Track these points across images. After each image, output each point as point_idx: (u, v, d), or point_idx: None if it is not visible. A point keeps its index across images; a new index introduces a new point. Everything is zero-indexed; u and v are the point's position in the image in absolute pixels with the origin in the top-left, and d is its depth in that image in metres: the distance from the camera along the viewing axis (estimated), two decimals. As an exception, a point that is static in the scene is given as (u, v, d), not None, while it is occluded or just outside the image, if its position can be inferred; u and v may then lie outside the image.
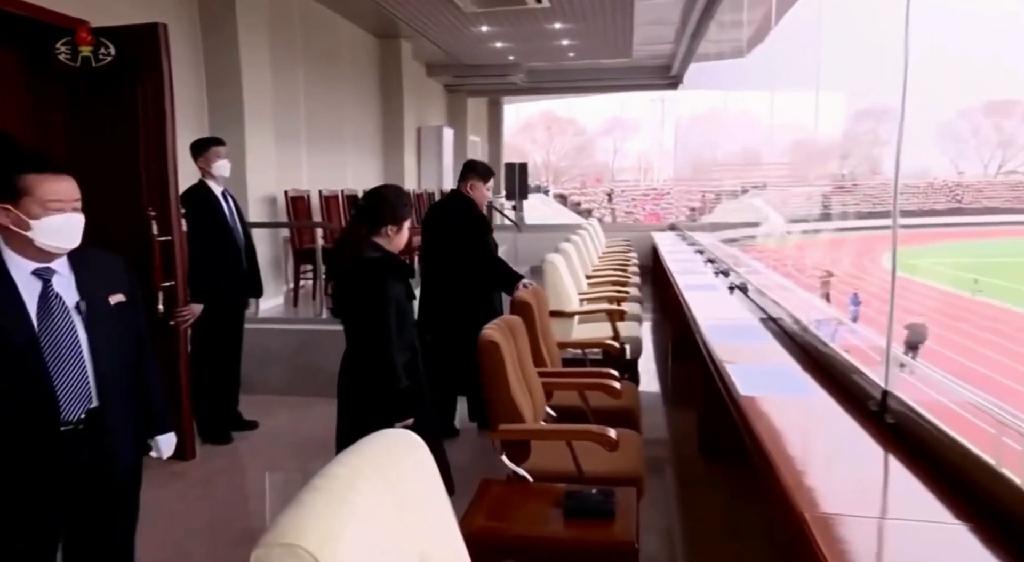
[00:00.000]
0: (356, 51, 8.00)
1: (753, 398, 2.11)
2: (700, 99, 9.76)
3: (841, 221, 14.50)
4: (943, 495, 1.44)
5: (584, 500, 1.86)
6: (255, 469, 3.51)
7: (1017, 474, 1.52)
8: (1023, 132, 45.50)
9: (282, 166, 5.89)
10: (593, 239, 7.24)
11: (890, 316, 2.12)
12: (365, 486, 1.02)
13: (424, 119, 10.30)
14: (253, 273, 3.75)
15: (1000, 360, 13.33)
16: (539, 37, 8.64)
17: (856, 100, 5.45)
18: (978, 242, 32.08)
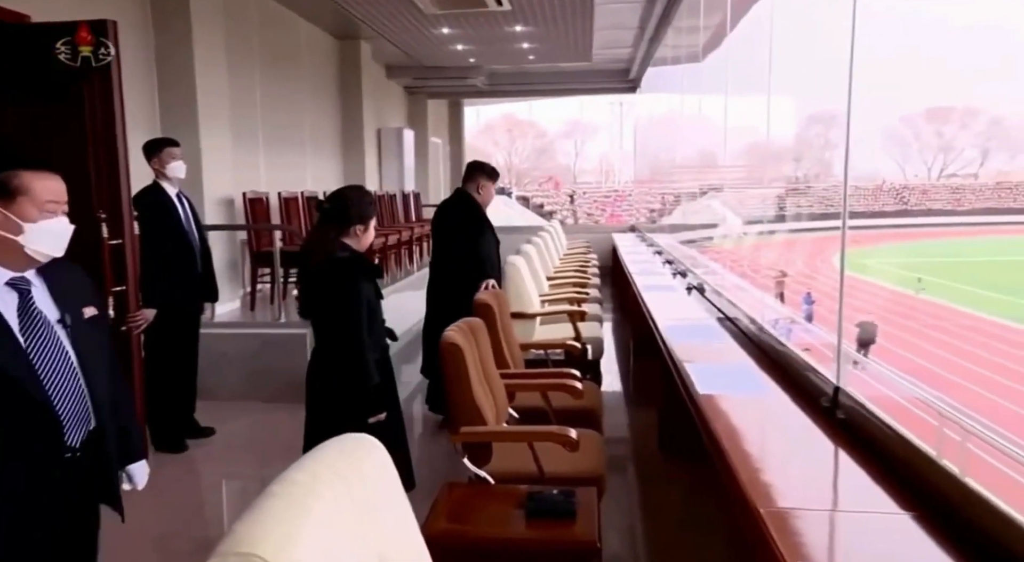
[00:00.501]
0: (315, 51, 7.89)
1: (711, 396, 2.15)
2: (658, 102, 9.91)
3: (795, 222, 14.97)
4: (889, 487, 1.49)
5: (545, 501, 1.87)
6: (211, 477, 3.42)
7: (956, 464, 1.59)
8: (961, 137, 46.96)
9: (239, 167, 5.76)
10: (554, 241, 7.28)
11: (839, 315, 2.19)
12: (324, 491, 1.00)
13: (384, 120, 10.22)
14: (208, 277, 3.67)
15: (943, 356, 13.90)
16: (500, 40, 8.66)
17: (807, 105, 5.60)
18: (922, 242, 33.29)
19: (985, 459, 2.43)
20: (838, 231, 2.27)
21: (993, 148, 41.72)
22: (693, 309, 3.73)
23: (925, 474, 1.44)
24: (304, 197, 6.36)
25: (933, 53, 42.97)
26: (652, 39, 8.45)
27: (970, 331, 14.60)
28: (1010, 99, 36.81)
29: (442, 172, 13.64)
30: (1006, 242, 25.38)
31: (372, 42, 8.71)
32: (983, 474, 1.85)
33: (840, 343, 2.05)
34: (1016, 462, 1.86)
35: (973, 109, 42.24)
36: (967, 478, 1.59)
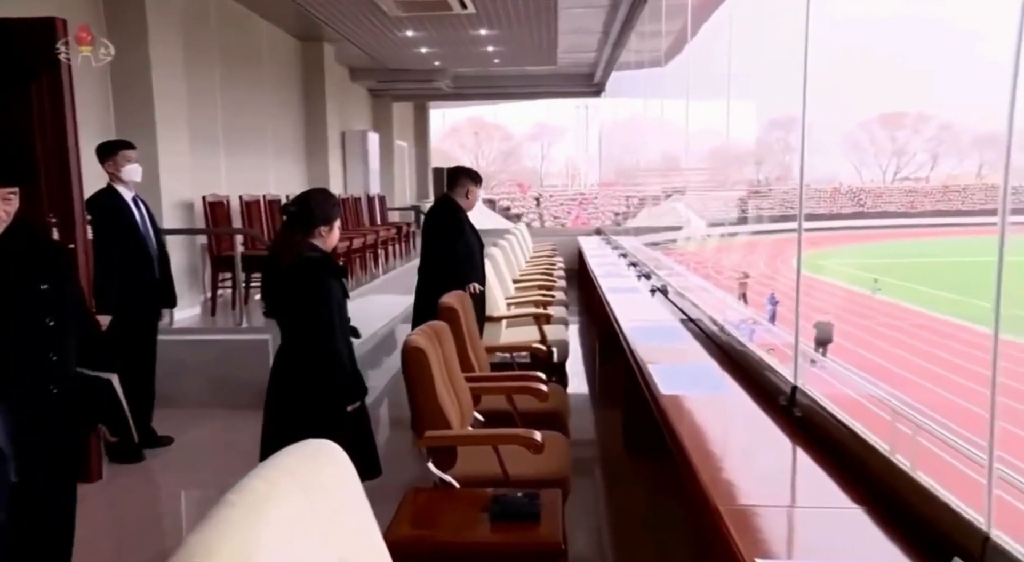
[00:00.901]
0: (277, 53, 7.78)
1: (673, 397, 2.18)
2: (622, 106, 10.03)
3: (756, 225, 15.34)
4: (843, 482, 1.53)
5: (509, 504, 1.87)
6: (169, 488, 3.34)
7: (908, 458, 1.63)
8: (913, 142, 48.71)
9: (199, 170, 5.64)
10: (521, 244, 7.30)
11: (796, 315, 2.24)
12: (283, 499, 0.99)
13: (348, 123, 10.12)
14: (167, 282, 3.58)
15: (898, 354, 14.32)
16: (464, 43, 8.65)
17: (768, 110, 5.72)
18: (879, 244, 34.31)
19: (935, 453, 2.50)
20: (795, 234, 2.33)
21: (943, 152, 43.27)
22: (656, 311, 3.77)
23: (876, 469, 1.48)
24: (266, 200, 6.26)
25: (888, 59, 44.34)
26: (616, 44, 8.54)
27: (923, 330, 15.08)
28: (958, 106, 38.18)
29: (408, 175, 13.57)
30: (956, 243, 26.28)
31: (335, 44, 8.62)
32: (932, 467, 1.91)
33: (797, 343, 2.10)
34: (962, 454, 1.92)
35: (925, 115, 43.77)
36: (918, 472, 1.64)
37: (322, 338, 2.21)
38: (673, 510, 2.81)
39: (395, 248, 8.18)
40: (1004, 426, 1.88)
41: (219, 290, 5.14)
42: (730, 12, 3.66)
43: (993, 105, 1.30)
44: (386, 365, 5.05)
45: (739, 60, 3.59)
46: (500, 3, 6.85)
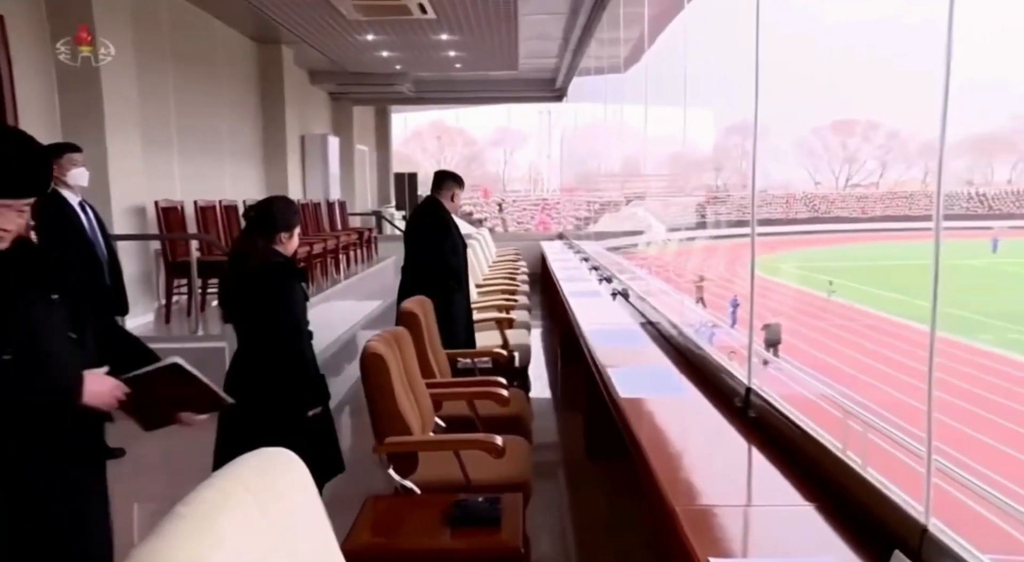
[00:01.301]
0: (233, 55, 7.64)
1: (632, 400, 2.21)
2: (583, 112, 10.13)
3: (716, 229, 15.66)
4: (795, 480, 1.57)
5: (470, 509, 1.87)
6: (120, 501, 3.20)
7: (858, 455, 1.69)
8: (864, 149, 50.16)
9: (152, 175, 5.50)
10: (483, 248, 7.30)
11: (750, 319, 2.29)
12: (235, 509, 0.97)
13: (308, 127, 9.99)
14: (117, 289, 3.48)
15: (850, 354, 14.74)
16: (426, 47, 8.63)
17: (725, 117, 5.84)
18: (833, 248, 35.27)
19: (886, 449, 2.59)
20: (760, 238, 2.38)
21: (891, 160, 44.91)
22: (617, 314, 3.82)
23: (826, 467, 1.53)
24: (223, 205, 6.13)
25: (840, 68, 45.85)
26: (576, 50, 8.63)
27: (873, 330, 15.59)
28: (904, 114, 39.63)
29: (369, 180, 13.45)
30: (904, 247, 27.18)
31: (294, 47, 8.51)
32: (882, 463, 1.98)
33: (751, 346, 2.15)
34: (907, 449, 2.00)
35: (874, 122, 45.37)
36: (868, 469, 1.69)
37: (287, 342, 2.23)
38: (634, 512, 2.84)
39: (356, 253, 8.10)
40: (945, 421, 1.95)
41: (174, 297, 5.01)
42: (685, 22, 3.73)
43: (933, 114, 1.36)
44: (347, 371, 4.98)
45: (696, 68, 3.67)
46: (461, 9, 6.86)
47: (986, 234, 33.75)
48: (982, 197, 44.54)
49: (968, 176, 46.97)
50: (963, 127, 23.30)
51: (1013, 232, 36.29)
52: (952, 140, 1.29)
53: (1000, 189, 45.40)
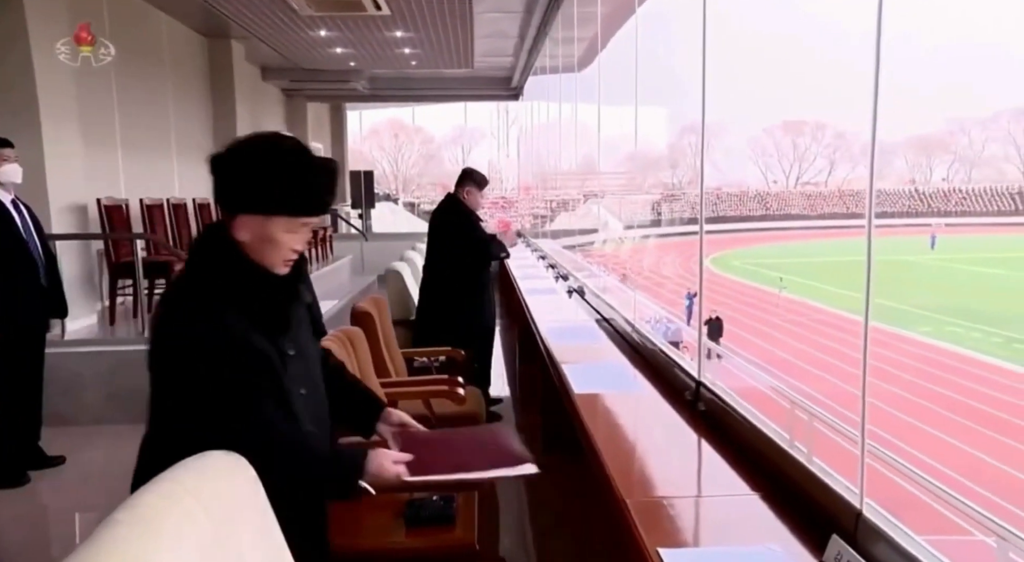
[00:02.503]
0: (179, 49, 7.42)
1: (587, 395, 2.23)
2: (539, 110, 10.17)
3: (671, 227, 16.03)
4: (742, 470, 1.62)
5: (424, 508, 1.87)
6: (59, 511, 3.12)
7: (805, 444, 1.74)
8: (812, 148, 51.61)
9: (93, 172, 5.31)
10: (441, 247, 7.27)
11: (699, 315, 2.34)
12: (176, 514, 0.95)
13: (260, 124, 9.78)
14: (55, 290, 3.35)
15: (800, 347, 15.19)
16: (380, 44, 8.55)
17: (680, 116, 5.95)
18: (785, 244, 36.24)
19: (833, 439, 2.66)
20: (714, 235, 2.44)
21: (838, 159, 46.44)
22: (573, 311, 3.85)
23: (770, 456, 1.58)
24: (171, 204, 5.96)
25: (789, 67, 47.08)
26: (532, 49, 8.67)
27: (822, 324, 16.12)
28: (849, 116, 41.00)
29: (325, 178, 13.26)
30: (851, 243, 28.22)
31: (245, 42, 8.32)
32: (828, 451, 2.04)
33: (700, 341, 2.20)
34: (848, 438, 2.07)
35: (822, 123, 46.84)
36: (814, 459, 1.75)
37: None
38: (590, 507, 2.87)
39: (312, 252, 7.97)
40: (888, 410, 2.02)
41: (119, 298, 4.85)
42: (637, 24, 3.79)
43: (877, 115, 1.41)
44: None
45: (650, 69, 3.74)
46: (416, 6, 6.82)
47: (926, 231, 35.26)
48: (922, 195, 46.40)
49: (910, 175, 48.95)
50: (903, 129, 24.18)
51: (950, 229, 38.04)
52: (893, 141, 1.35)
53: (937, 187, 47.36)
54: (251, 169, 1.28)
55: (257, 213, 1.27)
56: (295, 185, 1.27)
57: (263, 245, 1.28)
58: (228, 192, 1.30)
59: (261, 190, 1.27)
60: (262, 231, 1.27)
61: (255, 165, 1.28)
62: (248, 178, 1.28)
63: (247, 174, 1.28)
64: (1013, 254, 28.56)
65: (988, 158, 49.60)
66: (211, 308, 1.23)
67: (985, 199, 46.12)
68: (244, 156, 1.30)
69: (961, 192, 46.82)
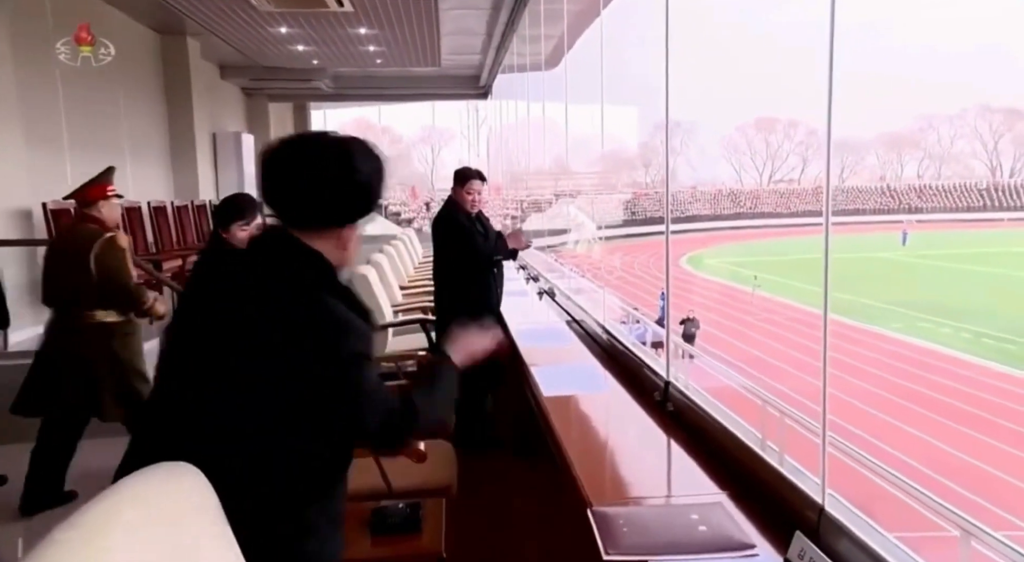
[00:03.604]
0: (131, 47, 7.28)
1: (555, 398, 2.25)
2: (509, 109, 10.20)
3: (643, 226, 16.22)
4: (710, 470, 1.64)
5: (390, 516, 1.86)
6: (4, 532, 3.03)
7: (777, 443, 1.77)
8: (785, 146, 52.31)
9: (38, 175, 5.18)
10: (409, 250, 7.25)
11: (667, 315, 2.37)
12: (121, 531, 0.93)
13: (220, 124, 9.66)
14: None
15: (774, 346, 15.41)
16: (344, 42, 8.49)
17: (651, 115, 6.02)
18: (758, 242, 36.71)
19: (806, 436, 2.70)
20: (689, 234, 2.48)
21: (811, 156, 47.36)
22: (543, 313, 3.87)
23: (734, 454, 1.61)
24: (124, 208, 5.84)
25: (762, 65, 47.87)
26: (500, 47, 8.69)
27: (795, 322, 16.41)
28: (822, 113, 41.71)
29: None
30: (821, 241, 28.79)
31: (201, 38, 8.20)
32: (801, 449, 2.08)
33: (668, 341, 2.23)
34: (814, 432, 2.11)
35: (794, 120, 47.74)
36: (786, 458, 1.77)
37: None
38: (558, 511, 2.89)
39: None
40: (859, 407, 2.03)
41: (69, 308, 4.73)
42: (602, 22, 3.84)
43: (844, 112, 1.44)
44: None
45: (618, 67, 3.78)
46: (379, 2, 6.79)
47: (897, 227, 36.11)
48: (894, 191, 47.50)
49: (881, 172, 50.09)
50: (874, 126, 24.64)
51: (920, 225, 39.02)
52: (866, 138, 1.39)
53: (909, 184, 48.47)
54: (362, 185, 1.24)
55: (353, 223, 1.26)
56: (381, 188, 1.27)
57: (349, 249, 1.27)
58: (335, 213, 1.25)
59: (367, 203, 1.26)
60: (350, 236, 1.27)
61: (365, 179, 1.24)
62: (361, 195, 1.25)
63: (360, 192, 1.24)
64: (982, 250, 29.45)
65: (956, 154, 51.07)
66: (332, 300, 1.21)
67: (955, 195, 47.41)
68: (353, 171, 1.24)
69: (932, 189, 48.05)
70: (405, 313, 4.62)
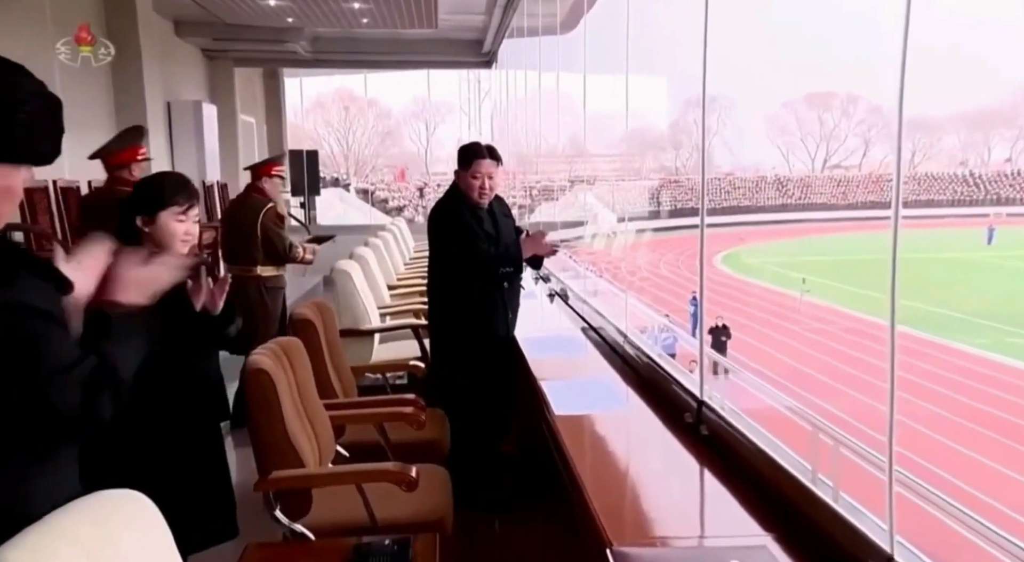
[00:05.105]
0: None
1: (568, 417, 2.26)
2: (517, 80, 10.20)
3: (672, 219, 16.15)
4: (752, 507, 1.65)
5: (373, 554, 1.88)
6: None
7: (830, 477, 1.78)
8: (843, 125, 51.57)
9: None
10: (399, 243, 7.27)
11: (700, 322, 2.38)
12: (69, 552, 0.95)
13: (175, 92, 9.68)
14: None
15: (824, 360, 15.34)
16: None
17: (682, 88, 6.02)
18: (807, 238, 36.36)
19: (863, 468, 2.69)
20: (725, 228, 2.48)
21: (874, 137, 46.86)
22: (555, 318, 3.89)
23: (783, 489, 1.61)
24: (58, 187, 5.89)
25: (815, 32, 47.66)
26: (507, 5, 8.69)
27: (852, 334, 16.35)
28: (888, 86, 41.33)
29: (258, 158, 13.17)
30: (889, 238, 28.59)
31: (151, -12, 8.20)
32: (854, 481, 2.07)
33: (701, 354, 2.24)
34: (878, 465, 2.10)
35: (854, 95, 47.30)
36: (841, 495, 1.78)
37: None
38: (571, 549, 2.90)
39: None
40: (931, 437, 2.01)
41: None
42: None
43: (921, 87, 1.43)
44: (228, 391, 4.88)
45: (647, 31, 3.78)
46: (367, -50, 6.81)
47: (982, 222, 35.61)
48: (978, 179, 46.80)
49: (962, 156, 49.23)
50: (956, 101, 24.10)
51: (1011, 221, 38.28)
52: (941, 116, 1.39)
53: (997, 170, 47.32)
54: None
55: None
56: None
57: None
58: None
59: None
60: None
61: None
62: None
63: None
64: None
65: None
66: None
67: (1058, 184, 46.26)
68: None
69: (1025, 175, 46.90)
70: (395, 317, 4.64)
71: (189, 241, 2.13)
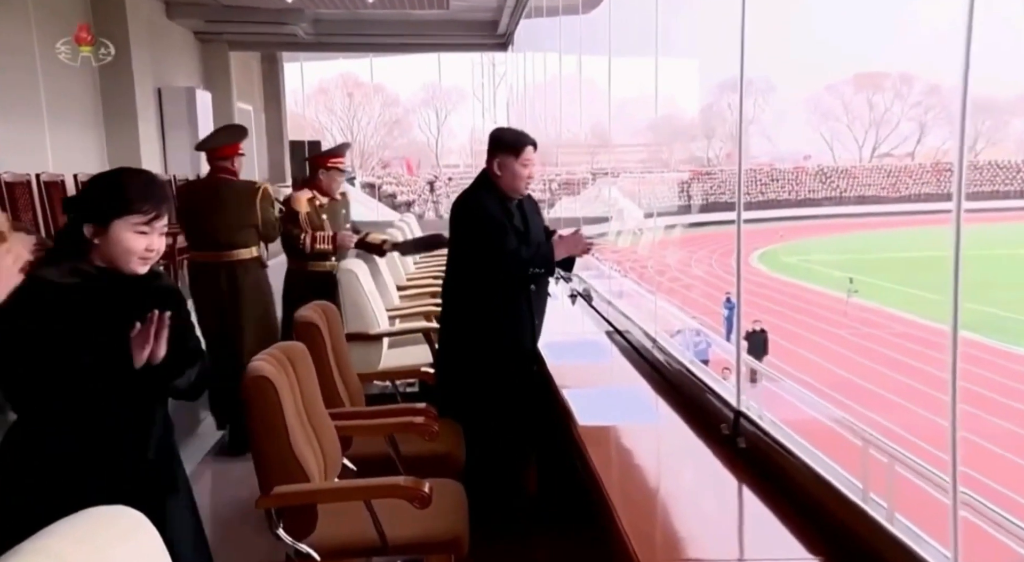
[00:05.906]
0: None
1: (593, 428, 2.27)
2: (535, 64, 10.21)
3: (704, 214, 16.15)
4: (796, 527, 1.65)
5: (385, 575, 1.90)
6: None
7: (883, 497, 1.77)
8: (896, 109, 50.77)
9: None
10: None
11: (737, 327, 2.39)
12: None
13: (167, 77, 9.77)
14: None
15: (874, 368, 15.20)
16: (327, -26, 8.56)
17: (715, 70, 6.00)
18: (851, 235, 35.98)
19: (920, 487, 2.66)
20: (762, 224, 2.47)
21: (931, 121, 45.95)
22: (577, 321, 3.90)
23: (833, 509, 1.61)
24: (41, 181, 5.96)
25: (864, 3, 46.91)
26: (525, -19, 8.70)
27: (907, 339, 16.20)
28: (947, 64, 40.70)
29: (256, 147, 13.23)
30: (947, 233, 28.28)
31: (141, -37, 8.27)
32: (910, 500, 2.06)
33: (739, 362, 2.24)
34: (937, 484, 2.09)
35: (908, 75, 46.52)
36: (896, 516, 1.77)
37: None
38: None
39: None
40: (1001, 455, 1.98)
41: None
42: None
43: (986, 63, 1.40)
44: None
45: (677, 8, 3.76)
46: (373, -77, 6.84)
47: (1053, 216, 34.91)
48: (1053, 168, 45.80)
49: (1034, 142, 47.92)
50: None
51: (1094, 213, 37.44)
52: (1010, 96, 1.36)
53: (1075, 158, 46.06)
54: None
55: None
56: None
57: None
58: None
59: None
60: None
61: None
62: None
63: None
64: None
65: None
66: None
67: None
68: None
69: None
70: (404, 320, 4.67)
71: (150, 259, 1.82)
